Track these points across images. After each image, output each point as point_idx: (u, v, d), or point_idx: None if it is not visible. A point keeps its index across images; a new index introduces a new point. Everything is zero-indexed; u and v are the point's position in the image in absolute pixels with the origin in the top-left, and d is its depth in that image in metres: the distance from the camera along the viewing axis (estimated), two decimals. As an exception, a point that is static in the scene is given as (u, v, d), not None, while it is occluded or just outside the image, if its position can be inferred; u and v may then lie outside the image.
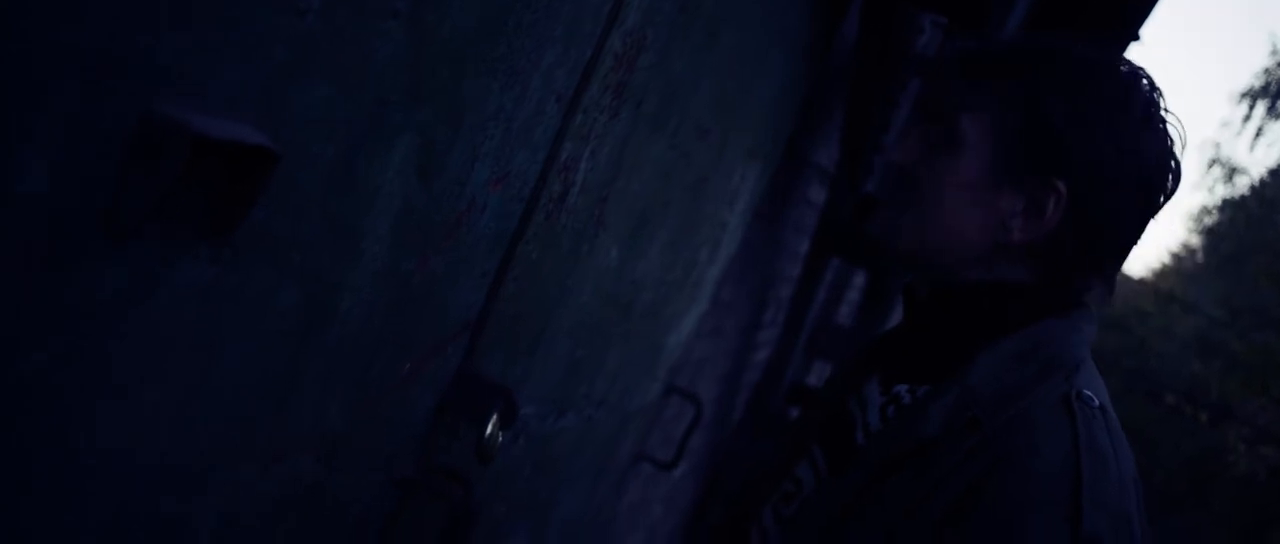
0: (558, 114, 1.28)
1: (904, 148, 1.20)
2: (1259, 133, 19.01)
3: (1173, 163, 1.13)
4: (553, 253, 1.43)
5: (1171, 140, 1.13)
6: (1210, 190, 28.73)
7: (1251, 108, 19.09)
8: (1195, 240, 23.61)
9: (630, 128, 1.48)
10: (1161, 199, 1.14)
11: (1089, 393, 1.08)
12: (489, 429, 1.29)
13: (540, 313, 1.50)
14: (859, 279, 4.06)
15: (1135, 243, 1.17)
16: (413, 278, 1.15)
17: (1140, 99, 1.11)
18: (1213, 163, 20.89)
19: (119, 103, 0.73)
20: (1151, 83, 1.13)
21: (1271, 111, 18.77)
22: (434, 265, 1.18)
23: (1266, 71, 19.39)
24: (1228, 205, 20.77)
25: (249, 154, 0.82)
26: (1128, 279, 25.04)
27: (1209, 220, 22.20)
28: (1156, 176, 1.12)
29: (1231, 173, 20.65)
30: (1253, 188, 19.90)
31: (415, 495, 1.36)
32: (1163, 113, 1.13)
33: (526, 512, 1.86)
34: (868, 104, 2.92)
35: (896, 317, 4.75)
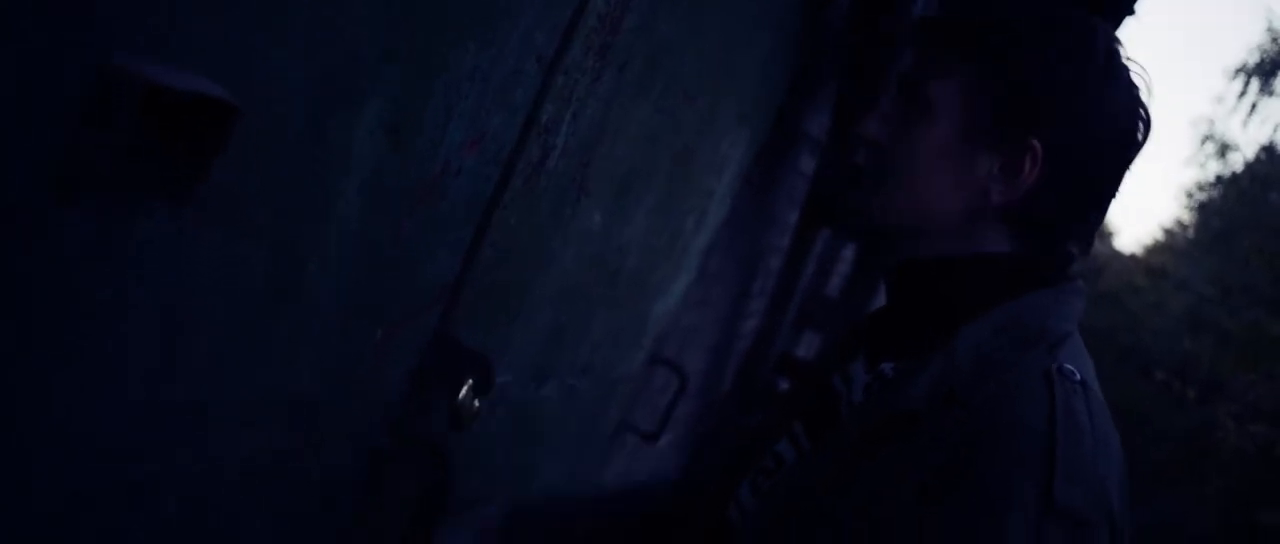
0: (537, 75, 1.25)
1: (876, 122, 1.20)
2: (1253, 109, 18.99)
3: (1142, 110, 1.14)
4: (533, 218, 1.41)
5: (1137, 86, 1.13)
6: (1203, 166, 28.72)
7: (1246, 84, 19.06)
8: (1187, 216, 23.64)
9: (614, 91, 1.45)
10: (1134, 147, 1.14)
11: (1070, 368, 1.07)
12: (462, 394, 1.27)
13: (520, 279, 1.48)
14: (849, 251, 4.04)
15: (1113, 195, 1.17)
16: (385, 242, 1.12)
17: (1101, 48, 1.11)
18: (1206, 139, 20.87)
19: (74, 55, 0.70)
20: (1109, 31, 1.13)
21: (1266, 88, 18.75)
22: (407, 229, 1.15)
23: (1261, 48, 19.37)
24: (1220, 182, 20.77)
25: (209, 108, 0.79)
26: (1119, 255, 25.10)
27: (1201, 197, 22.21)
28: (1127, 123, 1.13)
29: (1224, 149, 20.62)
30: (1246, 164, 19.89)
31: (390, 463, 1.34)
32: (1125, 60, 1.13)
33: (506, 482, 1.85)
34: (861, 73, 2.88)
35: (882, 296, 4.73)
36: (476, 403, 1.32)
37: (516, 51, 1.17)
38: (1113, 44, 1.13)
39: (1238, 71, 19.23)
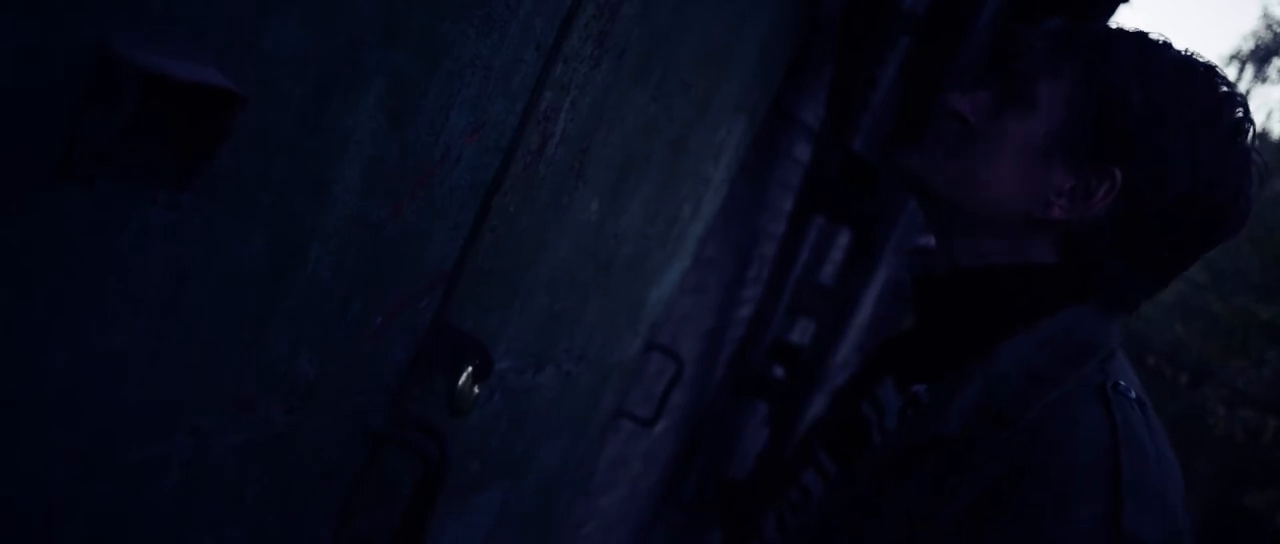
0: (536, 63, 1.25)
1: (972, 98, 1.16)
2: (1247, 96, 19.04)
3: (1243, 197, 1.07)
4: (531, 205, 1.41)
5: (1250, 174, 1.07)
6: (1196, 154, 28.64)
7: (1240, 71, 19.11)
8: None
9: (612, 79, 1.45)
10: (1220, 228, 1.08)
11: (1125, 384, 1.04)
12: (461, 380, 1.28)
13: (518, 266, 1.48)
14: (843, 238, 4.05)
15: (1181, 269, 1.11)
16: (385, 227, 1.13)
17: (1230, 118, 1.06)
18: (1200, 126, 20.88)
19: (74, 39, 0.70)
20: (1247, 108, 1.08)
21: (1260, 75, 18.77)
22: (407, 214, 1.15)
23: (1256, 35, 19.38)
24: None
25: (213, 96, 0.80)
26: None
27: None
28: (1223, 200, 1.06)
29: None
30: (1239, 152, 19.92)
31: (387, 448, 1.35)
32: (1249, 141, 1.07)
33: (504, 468, 1.85)
34: (856, 62, 2.89)
35: (878, 278, 4.75)
36: (475, 389, 1.33)
37: (516, 39, 1.18)
38: (1244, 120, 1.07)
39: (1232, 58, 19.25)
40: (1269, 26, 18.76)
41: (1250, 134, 1.07)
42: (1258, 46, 18.86)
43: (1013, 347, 1.06)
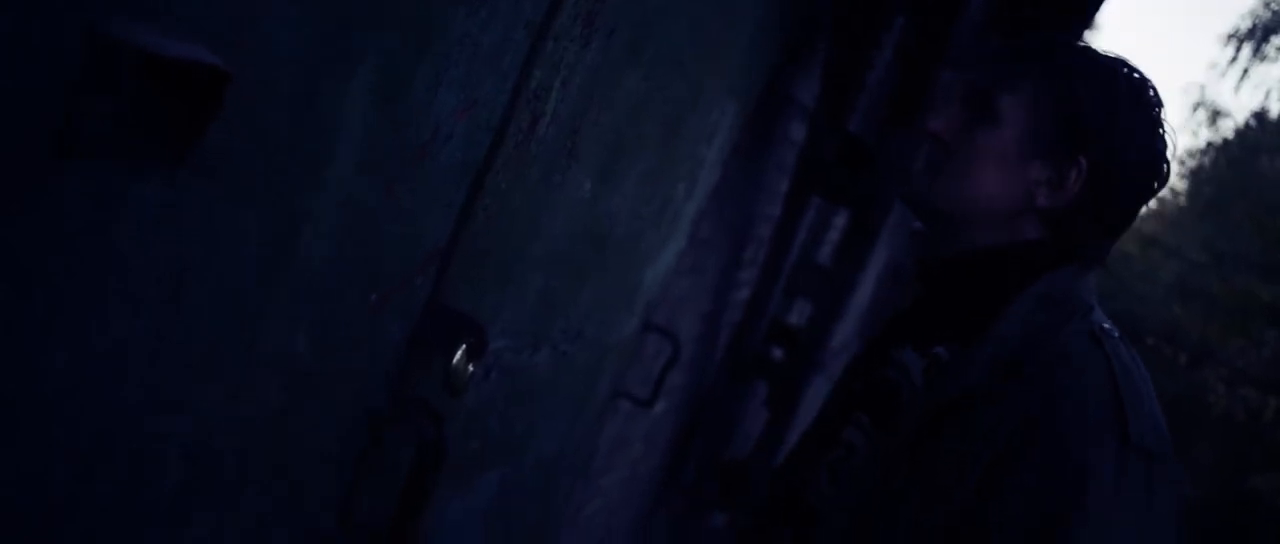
0: (526, 41, 1.26)
1: (943, 118, 1.36)
2: (1244, 75, 18.97)
3: (1168, 159, 1.32)
4: (523, 184, 1.42)
5: (1168, 142, 1.32)
6: (1194, 134, 28.72)
7: (1238, 50, 19.01)
8: (1179, 183, 23.65)
9: (602, 58, 1.46)
10: (1160, 182, 1.33)
11: (1108, 326, 1.25)
12: (456, 358, 1.29)
13: (511, 244, 1.49)
14: (839, 219, 4.05)
15: (1133, 219, 1.36)
16: (378, 206, 1.13)
17: (1151, 100, 1.30)
18: (1197, 105, 20.87)
19: (67, 21, 0.71)
20: (1156, 91, 1.33)
21: (1258, 53, 18.71)
22: (400, 193, 1.16)
23: (1253, 13, 19.33)
24: (1212, 148, 20.78)
25: (201, 74, 0.80)
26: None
27: (1192, 164, 22.22)
28: (1158, 164, 1.31)
29: (1216, 116, 20.63)
30: (1237, 131, 19.90)
31: (386, 428, 1.36)
32: (1165, 118, 1.32)
33: (502, 448, 1.87)
34: (851, 42, 2.89)
35: (876, 259, 4.74)
36: (470, 367, 1.34)
37: (505, 17, 1.18)
38: (1159, 102, 1.32)
39: (1230, 37, 19.17)
40: (1267, 5, 18.69)
41: (1163, 109, 1.32)
42: (1255, 25, 18.79)
43: (1015, 308, 1.25)
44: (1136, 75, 1.31)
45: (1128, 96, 1.29)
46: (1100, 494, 1.10)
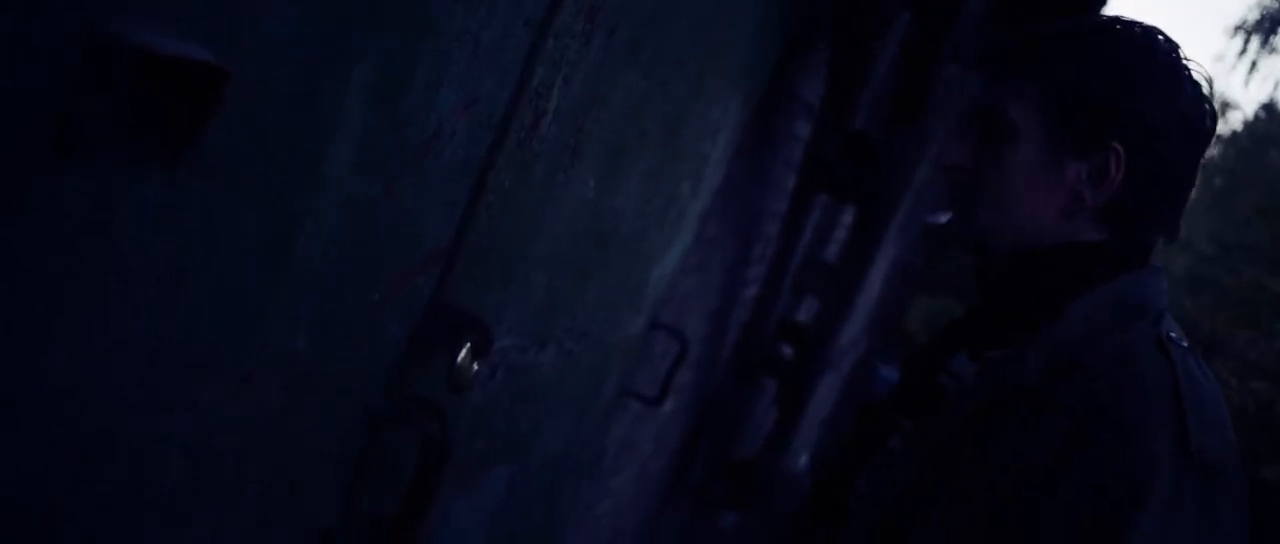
0: (526, 38, 1.25)
1: (957, 151, 1.28)
2: (1253, 67, 18.96)
3: (1206, 104, 1.21)
4: (526, 182, 1.42)
5: (1198, 83, 1.20)
6: (1204, 126, 28.46)
7: (1246, 42, 18.96)
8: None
9: (604, 55, 1.46)
10: (1204, 136, 1.22)
11: (1177, 335, 1.17)
12: (460, 356, 1.28)
13: (515, 243, 1.49)
14: (847, 216, 4.04)
15: (1192, 182, 1.26)
16: (379, 205, 1.13)
17: (1162, 51, 1.19)
18: (1206, 98, 20.76)
19: (65, 20, 0.71)
20: (1166, 37, 1.21)
21: (1266, 45, 18.65)
22: (401, 192, 1.16)
23: (1261, 4, 19.26)
24: (1220, 140, 20.72)
25: (198, 72, 0.80)
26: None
27: (1202, 156, 22.10)
28: (1194, 117, 1.20)
29: (1224, 108, 20.57)
30: (1245, 123, 19.85)
31: (389, 427, 1.35)
32: (1184, 60, 1.20)
33: (507, 447, 1.86)
34: (855, 37, 2.88)
35: (884, 256, 4.74)
36: (475, 366, 1.34)
37: (505, 14, 1.18)
38: (1171, 47, 1.20)
39: (1238, 29, 19.12)
40: (1275, -3, 18.65)
41: (1180, 52, 1.21)
42: (1263, 16, 18.74)
43: (1078, 306, 1.18)
44: (1137, 30, 1.22)
45: (1136, 60, 1.19)
46: (1153, 508, 1.04)
